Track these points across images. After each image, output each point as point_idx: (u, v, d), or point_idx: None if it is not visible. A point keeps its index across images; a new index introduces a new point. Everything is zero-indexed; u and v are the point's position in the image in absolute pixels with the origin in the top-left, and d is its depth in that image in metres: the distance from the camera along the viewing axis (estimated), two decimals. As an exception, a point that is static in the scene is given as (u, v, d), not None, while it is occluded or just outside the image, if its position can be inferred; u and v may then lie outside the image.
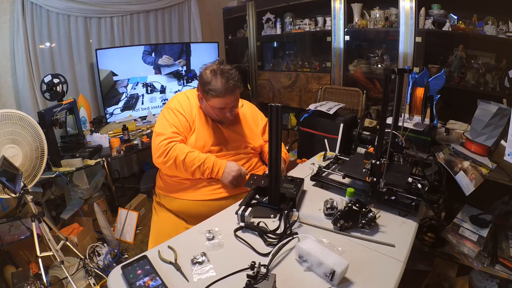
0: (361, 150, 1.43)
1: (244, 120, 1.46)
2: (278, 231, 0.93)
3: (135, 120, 2.67)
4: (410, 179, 1.08)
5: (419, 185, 1.05)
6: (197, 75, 2.99)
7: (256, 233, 0.92)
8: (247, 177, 1.27)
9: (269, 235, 0.90)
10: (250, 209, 0.96)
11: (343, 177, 1.18)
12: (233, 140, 1.38)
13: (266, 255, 0.83)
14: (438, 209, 1.44)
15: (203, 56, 3.03)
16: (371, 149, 1.17)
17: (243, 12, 3.21)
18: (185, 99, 1.38)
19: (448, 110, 1.95)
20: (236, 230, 0.94)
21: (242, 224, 0.95)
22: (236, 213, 0.96)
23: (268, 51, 3.44)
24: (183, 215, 1.35)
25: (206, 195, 1.29)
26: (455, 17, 1.98)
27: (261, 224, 0.94)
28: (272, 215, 1.01)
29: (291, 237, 0.87)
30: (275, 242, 0.87)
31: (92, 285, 1.70)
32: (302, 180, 1.17)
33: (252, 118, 1.50)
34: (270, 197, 1.05)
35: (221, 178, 1.27)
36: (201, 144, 1.31)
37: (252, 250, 0.86)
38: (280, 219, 0.98)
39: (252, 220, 0.98)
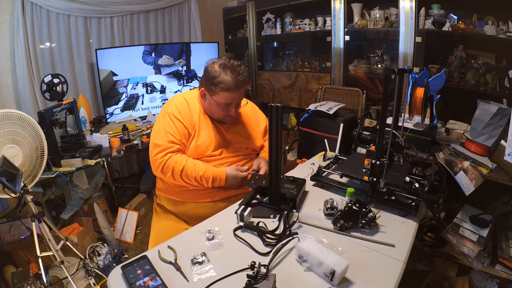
0: (361, 150, 1.43)
1: (246, 120, 1.45)
2: (277, 232, 0.93)
3: (135, 120, 2.67)
4: (407, 178, 1.08)
5: (416, 184, 1.04)
6: (197, 75, 3.02)
7: (256, 233, 0.92)
8: (249, 176, 1.28)
9: (268, 235, 0.90)
10: (249, 208, 0.96)
11: (341, 176, 1.17)
12: (234, 142, 1.37)
13: (266, 254, 0.83)
14: (438, 209, 1.44)
15: (203, 56, 3.03)
16: (373, 148, 1.17)
17: (243, 12, 3.21)
18: (183, 104, 1.32)
19: (448, 110, 1.94)
20: (235, 229, 0.94)
21: (241, 223, 0.95)
22: (236, 212, 0.96)
23: (268, 51, 3.44)
24: (184, 217, 1.35)
25: (206, 197, 1.29)
26: (455, 17, 1.98)
27: (261, 224, 0.94)
28: (272, 215, 1.01)
29: (291, 237, 0.87)
30: (274, 243, 0.87)
31: (92, 285, 1.70)
32: (303, 181, 1.16)
33: (254, 118, 1.49)
34: (270, 197, 1.04)
35: (225, 186, 1.28)
36: (202, 149, 1.29)
37: (252, 250, 0.86)
38: (279, 220, 0.98)
39: (252, 220, 0.98)
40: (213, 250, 0.87)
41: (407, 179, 1.08)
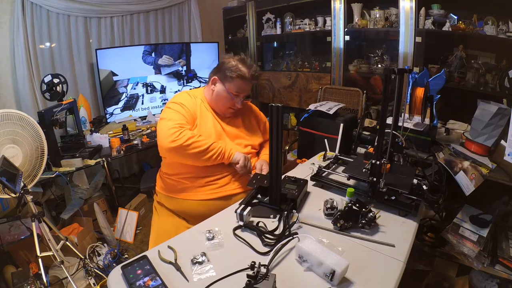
0: (361, 150, 1.43)
1: (245, 117, 1.48)
2: (277, 232, 0.93)
3: (135, 120, 2.67)
4: (415, 181, 1.07)
5: (425, 187, 1.04)
6: (197, 75, 3.03)
7: (256, 232, 0.92)
8: (253, 169, 1.28)
9: (267, 235, 0.90)
10: (249, 208, 0.96)
11: (348, 179, 1.17)
12: (233, 137, 1.39)
13: (265, 253, 0.83)
14: (438, 209, 1.44)
15: (203, 56, 3.03)
16: (371, 149, 1.17)
17: (243, 12, 3.21)
18: (187, 97, 1.39)
19: (448, 110, 1.95)
20: (235, 229, 0.94)
21: (241, 223, 0.95)
22: (236, 211, 0.96)
23: (268, 51, 3.44)
24: (184, 215, 1.35)
25: (205, 195, 1.29)
26: (455, 17, 1.98)
27: (261, 224, 0.94)
28: (272, 215, 1.01)
29: (290, 237, 0.87)
30: (273, 243, 0.87)
31: (92, 285, 1.70)
32: (305, 181, 1.16)
33: (253, 116, 1.53)
34: (270, 197, 1.04)
35: (235, 156, 1.29)
36: (200, 135, 1.30)
37: (252, 250, 0.86)
38: (279, 220, 0.98)
39: (252, 219, 0.98)
40: (213, 250, 0.87)
41: (415, 181, 1.07)
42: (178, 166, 1.31)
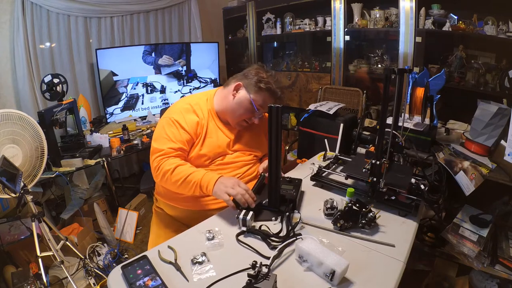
0: (361, 150, 1.43)
1: (255, 131, 1.39)
2: (281, 234, 0.92)
3: (135, 120, 2.67)
4: (413, 180, 1.07)
5: (422, 186, 1.04)
6: (197, 75, 3.03)
7: (258, 236, 0.91)
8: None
9: (273, 238, 0.89)
10: (251, 213, 0.95)
11: (346, 178, 1.17)
12: (239, 149, 1.32)
13: (268, 257, 0.83)
14: (438, 209, 1.44)
15: (203, 56, 3.04)
16: (372, 149, 1.16)
17: (243, 12, 3.21)
18: (189, 112, 1.24)
19: (448, 110, 1.95)
20: (238, 234, 0.92)
21: (244, 228, 0.94)
22: (237, 217, 0.94)
23: (268, 51, 3.44)
24: (183, 221, 1.33)
25: (204, 205, 1.23)
26: (455, 17, 1.98)
27: (263, 227, 0.93)
28: (273, 218, 1.00)
29: (295, 238, 0.87)
30: (279, 245, 0.86)
31: (92, 285, 1.70)
32: (300, 180, 1.16)
33: (264, 130, 1.44)
34: (270, 199, 1.03)
35: (213, 191, 1.06)
36: (205, 158, 1.24)
37: (252, 251, 0.85)
38: (281, 221, 0.97)
39: (253, 224, 0.97)
40: (213, 250, 0.87)
41: (413, 180, 1.07)
42: None
